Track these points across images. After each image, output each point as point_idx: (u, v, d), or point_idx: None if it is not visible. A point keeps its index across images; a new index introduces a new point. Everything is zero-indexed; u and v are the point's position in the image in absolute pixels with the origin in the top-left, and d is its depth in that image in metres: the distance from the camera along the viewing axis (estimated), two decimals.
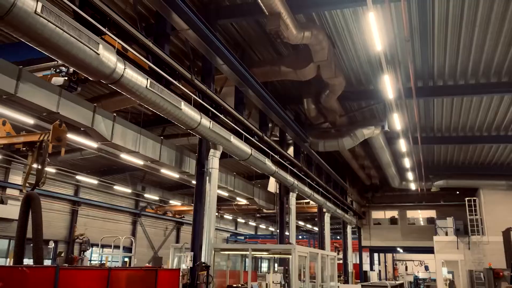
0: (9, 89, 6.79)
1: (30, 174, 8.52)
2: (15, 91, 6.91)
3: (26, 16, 5.12)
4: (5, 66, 6.81)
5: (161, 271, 8.82)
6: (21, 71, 7.06)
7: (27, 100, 7.07)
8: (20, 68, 7.06)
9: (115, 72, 6.60)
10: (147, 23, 11.72)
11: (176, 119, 8.62)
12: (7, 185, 23.06)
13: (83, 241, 23.35)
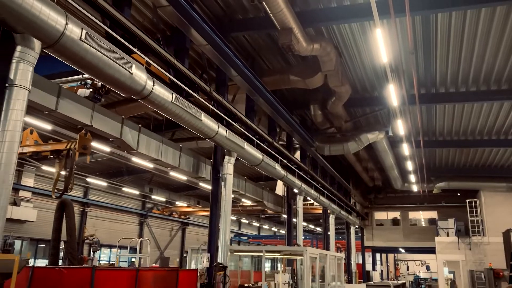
0: (51, 106, 7.38)
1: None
2: (56, 107, 7.51)
3: (72, 43, 5.72)
4: (46, 84, 7.41)
5: (182, 271, 9.42)
6: (60, 89, 7.66)
7: (65, 115, 7.66)
8: (60, 86, 7.66)
9: (145, 88, 7.19)
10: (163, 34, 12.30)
11: (196, 129, 9.22)
12: (20, 187, 23.68)
13: (93, 242, 23.94)
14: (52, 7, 5.43)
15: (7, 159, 5.10)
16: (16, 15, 5.04)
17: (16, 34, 5.38)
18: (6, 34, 5.45)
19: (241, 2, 11.24)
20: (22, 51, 5.39)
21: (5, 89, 5.28)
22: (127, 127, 9.34)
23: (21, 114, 5.29)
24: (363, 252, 33.12)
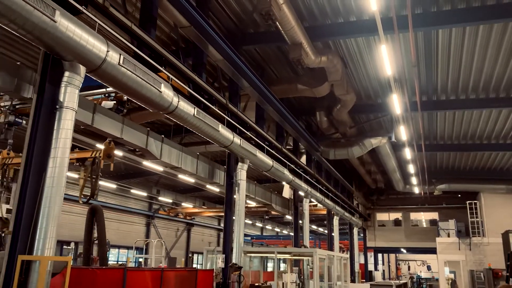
0: (88, 121, 8.07)
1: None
2: (92, 122, 8.19)
3: (112, 68, 6.40)
4: (82, 101, 8.09)
5: (200, 271, 10.10)
6: (95, 105, 8.35)
7: (100, 129, 8.34)
8: (95, 103, 8.35)
9: (172, 104, 7.88)
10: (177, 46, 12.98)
11: (213, 139, 9.90)
12: None
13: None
14: (96, 37, 6.11)
15: (59, 173, 5.78)
16: (67, 46, 5.73)
17: (64, 61, 6.06)
18: (55, 61, 6.13)
19: (252, 17, 11.91)
20: (70, 76, 6.07)
21: (55, 111, 5.97)
22: (152, 138, 10.05)
23: (70, 132, 5.98)
24: (366, 252, 33.78)
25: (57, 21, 5.41)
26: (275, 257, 11.12)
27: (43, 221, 5.57)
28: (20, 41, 12.09)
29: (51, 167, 5.75)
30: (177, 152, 11.20)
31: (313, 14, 11.60)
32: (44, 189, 5.69)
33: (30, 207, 5.66)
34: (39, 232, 5.54)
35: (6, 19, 5.03)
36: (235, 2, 11.31)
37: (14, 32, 5.29)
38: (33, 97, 6.06)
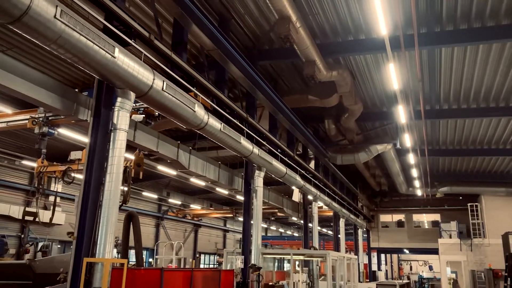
0: (130, 137, 8.97)
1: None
2: (133, 139, 9.10)
3: (156, 93, 7.30)
4: None
5: (223, 271, 10.99)
6: (136, 123, 9.25)
7: (140, 144, 9.24)
8: (136, 121, 9.25)
9: (202, 122, 8.78)
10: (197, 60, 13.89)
11: (235, 150, 10.80)
12: (50, 192, 25.27)
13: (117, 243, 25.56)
14: (144, 67, 7.01)
15: (115, 186, 6.69)
16: (121, 76, 6.62)
17: (117, 88, 6.96)
18: (108, 88, 7.04)
19: (268, 36, 12.80)
20: (121, 101, 6.97)
21: (110, 132, 6.87)
22: (181, 150, 10.97)
23: (123, 151, 6.87)
24: (369, 252, 34.66)
25: (116, 57, 6.32)
26: (291, 258, 12.01)
27: (102, 228, 6.47)
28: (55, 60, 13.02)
29: (108, 182, 6.65)
30: (202, 162, 12.12)
31: (325, 32, 12.49)
32: (102, 200, 6.59)
33: (91, 216, 6.57)
34: (100, 238, 6.44)
35: (76, 57, 5.93)
36: (253, 22, 12.20)
37: (74, 63, 6.15)
38: (89, 120, 6.96)
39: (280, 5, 9.57)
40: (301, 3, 11.01)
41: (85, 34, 5.72)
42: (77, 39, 5.63)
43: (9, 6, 4.85)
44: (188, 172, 11.76)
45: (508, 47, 12.48)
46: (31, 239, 23.59)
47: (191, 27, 9.30)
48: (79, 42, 5.67)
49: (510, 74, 14.06)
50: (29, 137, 20.16)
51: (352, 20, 11.81)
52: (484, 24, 11.34)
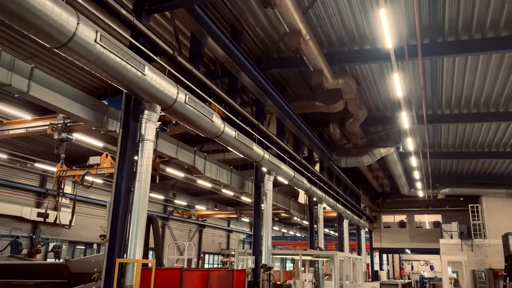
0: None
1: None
2: (156, 147, 9.67)
3: (180, 106, 7.87)
4: None
5: (236, 271, 11.57)
6: (158, 132, 9.82)
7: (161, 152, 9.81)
8: (157, 130, 9.83)
9: (219, 130, 9.35)
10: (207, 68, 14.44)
11: (247, 156, 11.36)
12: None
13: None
14: (168, 81, 7.58)
15: (144, 192, 7.25)
16: (149, 92, 7.18)
17: (144, 102, 7.53)
18: (136, 102, 7.61)
19: (277, 45, 13.37)
20: (148, 114, 7.54)
21: (138, 142, 7.44)
22: (197, 156, 11.54)
23: (150, 160, 7.44)
24: (372, 253, 35.21)
25: (146, 75, 6.89)
26: (300, 259, 12.58)
27: (133, 231, 7.04)
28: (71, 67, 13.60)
29: (137, 188, 7.22)
30: (215, 167, 12.70)
31: (332, 41, 13.04)
32: (132, 205, 7.16)
33: (122, 220, 7.14)
34: (130, 240, 7.00)
35: (110, 76, 6.49)
36: (263, 33, 12.76)
37: (107, 80, 6.71)
38: (118, 131, 7.52)
39: (291, 19, 10.11)
40: (310, 16, 11.58)
41: (120, 55, 6.29)
42: (113, 60, 6.20)
43: (57, 33, 5.41)
44: (203, 177, 12.34)
45: (508, 56, 13.04)
46: (42, 240, 24.15)
47: (207, 40, 9.88)
48: (114, 62, 6.24)
49: (509, 81, 14.61)
50: (40, 140, 20.74)
51: (358, 31, 12.36)
52: (484, 35, 11.88)
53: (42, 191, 24.98)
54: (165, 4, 8.02)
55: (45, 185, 25.33)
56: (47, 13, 5.11)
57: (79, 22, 5.56)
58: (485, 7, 10.96)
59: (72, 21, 5.46)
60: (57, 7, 5.24)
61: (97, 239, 29.03)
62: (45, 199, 25.11)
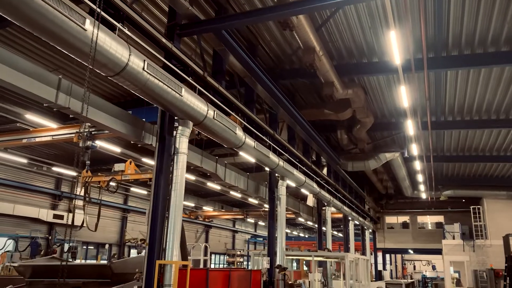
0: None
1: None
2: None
3: (209, 121, 8.67)
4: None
5: (253, 271, 12.38)
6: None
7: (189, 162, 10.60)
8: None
9: (241, 142, 10.15)
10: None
11: (263, 163, 12.16)
12: (74, 196, 26.72)
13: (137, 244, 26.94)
14: (200, 100, 8.37)
15: (179, 200, 8.04)
16: (184, 110, 7.98)
17: (178, 118, 8.33)
18: (170, 118, 8.40)
19: (290, 58, 14.15)
20: (182, 129, 8.33)
21: (174, 155, 8.23)
22: (219, 164, 12.36)
23: (184, 171, 8.23)
24: (375, 253, 36.00)
25: (183, 95, 7.69)
26: (312, 260, 13.37)
27: (170, 235, 7.83)
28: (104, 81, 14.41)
29: (173, 197, 8.01)
30: (234, 174, 13.51)
31: (341, 54, 13.82)
32: (169, 212, 7.96)
33: (160, 225, 7.94)
34: (168, 243, 7.79)
35: (151, 97, 7.29)
36: (277, 47, 13.55)
37: (148, 101, 7.49)
38: (155, 145, 8.32)
39: (306, 37, 10.90)
40: (322, 32, 12.36)
41: (162, 80, 7.09)
42: (156, 84, 7.00)
43: (113, 65, 6.20)
44: (223, 183, 13.14)
45: (508, 69, 13.81)
46: (57, 240, 24.98)
47: (229, 58, 10.68)
48: (158, 86, 7.04)
49: (509, 91, 15.38)
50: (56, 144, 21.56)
51: (366, 45, 13.13)
52: (486, 50, 12.65)
53: (58, 194, 25.82)
54: (195, 29, 8.80)
55: (60, 188, 26.18)
56: (107, 48, 5.91)
57: (130, 54, 6.36)
58: (487, 25, 11.72)
59: (125, 53, 6.26)
60: (115, 42, 6.04)
61: (109, 240, 29.94)
62: (60, 201, 25.95)
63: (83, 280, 7.94)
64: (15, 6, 4.70)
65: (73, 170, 24.64)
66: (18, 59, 6.10)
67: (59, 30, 5.20)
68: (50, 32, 5.19)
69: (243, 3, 11.19)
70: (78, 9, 5.42)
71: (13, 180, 23.00)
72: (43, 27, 5.06)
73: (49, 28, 5.11)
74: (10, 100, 14.14)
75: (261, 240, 51.32)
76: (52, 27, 5.11)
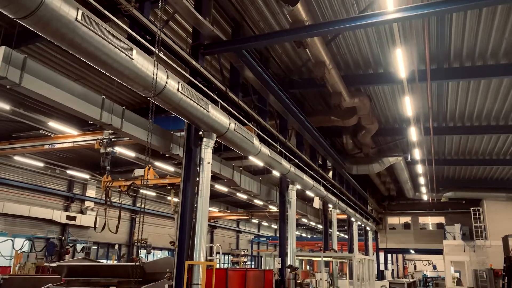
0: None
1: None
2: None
3: (231, 133, 9.43)
4: None
5: (266, 271, 13.15)
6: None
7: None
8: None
9: (257, 150, 10.92)
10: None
11: (276, 169, 12.92)
12: (85, 198, 27.54)
13: (146, 245, 27.75)
14: (223, 114, 9.14)
15: (204, 206, 8.82)
16: (209, 124, 8.75)
17: (203, 131, 9.10)
18: (196, 130, 9.18)
19: (300, 69, 14.91)
20: (206, 141, 9.11)
21: (200, 165, 9.00)
22: (235, 171, 13.14)
23: (209, 179, 9.00)
24: (378, 253, 36.79)
25: (210, 112, 8.46)
26: (321, 260, 14.15)
27: (197, 238, 8.60)
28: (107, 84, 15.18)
29: (200, 203, 8.79)
30: (248, 180, 14.30)
31: (349, 65, 14.58)
32: (196, 217, 8.73)
33: (188, 229, 8.70)
34: (196, 246, 8.56)
35: (182, 113, 8.05)
36: (288, 59, 14.33)
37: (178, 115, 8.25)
38: (183, 155, 9.10)
39: (317, 53, 11.66)
40: (331, 46, 13.12)
41: (193, 99, 7.86)
42: (188, 102, 7.77)
43: (148, 86, 6.97)
44: (239, 188, 13.94)
45: (506, 80, 14.57)
46: (70, 241, 25.74)
47: (245, 71, 11.44)
48: (189, 105, 7.82)
49: (508, 99, 16.14)
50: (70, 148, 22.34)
51: (373, 57, 13.89)
52: (486, 62, 13.41)
53: (70, 195, 26.60)
54: (218, 49, 9.57)
55: (72, 190, 26.96)
56: (150, 74, 6.68)
57: (168, 77, 7.13)
58: (486, 39, 12.47)
59: (164, 77, 7.04)
60: (151, 65, 6.81)
61: (118, 240, 30.70)
62: (72, 202, 26.73)
63: (118, 279, 8.70)
64: (78, 43, 5.46)
65: (85, 173, 25.47)
66: (69, 82, 6.85)
67: (111, 60, 5.96)
68: (103, 62, 5.95)
69: (258, 20, 11.97)
70: (127, 41, 6.18)
71: (29, 183, 23.77)
72: (99, 59, 5.83)
73: (104, 59, 5.87)
74: (35, 109, 14.93)
75: (264, 240, 52.09)
76: (107, 59, 5.88)
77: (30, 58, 6.35)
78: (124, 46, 6.05)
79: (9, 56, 5.70)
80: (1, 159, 22.06)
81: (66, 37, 5.31)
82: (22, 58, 5.91)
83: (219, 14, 11.57)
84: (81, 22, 5.29)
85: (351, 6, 11.13)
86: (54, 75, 6.69)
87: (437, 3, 7.94)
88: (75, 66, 14.00)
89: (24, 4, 4.74)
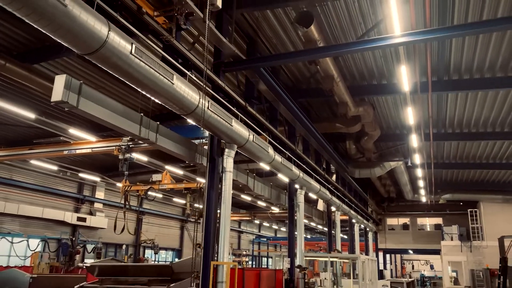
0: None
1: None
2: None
3: (249, 144, 10.28)
4: None
5: (276, 271, 14.01)
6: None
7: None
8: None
9: (271, 159, 11.77)
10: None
11: (286, 175, 13.77)
12: (94, 199, 28.32)
13: (153, 245, 28.54)
14: (243, 127, 9.99)
15: (227, 211, 9.66)
16: (232, 136, 9.59)
17: (225, 142, 9.94)
18: (218, 141, 10.02)
19: (308, 79, 15.77)
20: (228, 151, 9.95)
21: (222, 174, 9.85)
22: (249, 177, 13.99)
23: (231, 187, 9.84)
24: (377, 253, 37.71)
25: (233, 126, 9.31)
26: (328, 260, 15.02)
27: (221, 241, 9.45)
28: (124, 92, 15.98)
29: (223, 209, 9.63)
30: (261, 185, 15.15)
31: (354, 76, 15.44)
32: (220, 222, 9.57)
33: (212, 233, 9.55)
34: (220, 247, 9.41)
35: (209, 129, 8.89)
36: (297, 71, 15.18)
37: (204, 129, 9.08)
38: (206, 164, 9.93)
39: (327, 68, 12.52)
40: (339, 61, 13.99)
41: (220, 115, 8.71)
42: (215, 119, 8.62)
43: (189, 104, 7.80)
44: (252, 193, 14.81)
45: (501, 92, 15.50)
46: (80, 242, 26.50)
47: (260, 85, 12.29)
48: (216, 120, 8.68)
49: (504, 108, 17.05)
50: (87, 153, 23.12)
51: (377, 70, 14.77)
52: (483, 75, 14.31)
53: (80, 197, 27.39)
54: (238, 67, 10.41)
55: (82, 192, 27.75)
56: (185, 95, 7.52)
57: (200, 98, 7.98)
58: (484, 54, 13.35)
59: (196, 97, 7.88)
60: (189, 90, 7.66)
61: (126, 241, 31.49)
62: (82, 204, 27.52)
63: (148, 278, 9.51)
64: (131, 73, 6.30)
65: (95, 175, 26.27)
66: (112, 102, 7.68)
67: (157, 86, 6.81)
68: (150, 87, 6.79)
69: (271, 37, 12.82)
70: (169, 68, 7.02)
71: (42, 185, 24.54)
72: (147, 85, 6.67)
73: (151, 86, 6.72)
74: (56, 117, 15.73)
75: (265, 240, 52.96)
76: (154, 86, 6.72)
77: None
78: (167, 73, 6.89)
79: (69, 83, 6.51)
80: (18, 163, 22.82)
81: (121, 68, 6.15)
82: (78, 84, 6.71)
83: (234, 30, 12.41)
84: (134, 55, 6.13)
85: (358, 25, 11.99)
86: (103, 97, 7.50)
87: (439, 30, 8.83)
88: (92, 75, 14.74)
89: (90, 44, 5.57)
